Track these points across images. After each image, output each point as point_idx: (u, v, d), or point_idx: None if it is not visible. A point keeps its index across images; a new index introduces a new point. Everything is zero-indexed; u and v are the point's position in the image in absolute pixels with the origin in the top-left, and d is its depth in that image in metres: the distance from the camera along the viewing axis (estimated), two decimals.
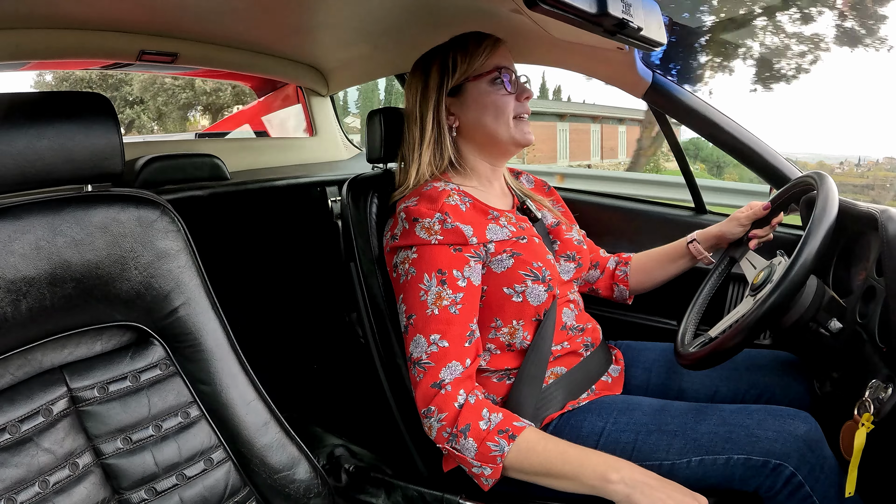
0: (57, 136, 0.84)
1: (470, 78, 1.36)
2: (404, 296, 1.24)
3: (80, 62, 2.01)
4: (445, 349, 1.18)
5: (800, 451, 1.12)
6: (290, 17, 1.74)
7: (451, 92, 1.37)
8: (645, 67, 1.61)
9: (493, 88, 1.36)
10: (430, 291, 1.20)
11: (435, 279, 1.21)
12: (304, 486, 1.05)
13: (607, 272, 1.66)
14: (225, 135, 3.22)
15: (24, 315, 0.82)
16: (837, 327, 1.18)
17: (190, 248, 0.99)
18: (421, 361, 1.18)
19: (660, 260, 1.61)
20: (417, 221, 1.24)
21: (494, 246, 1.28)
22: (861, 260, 1.34)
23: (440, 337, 1.18)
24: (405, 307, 1.23)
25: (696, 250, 1.53)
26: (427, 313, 1.20)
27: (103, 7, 1.54)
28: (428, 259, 1.23)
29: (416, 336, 1.20)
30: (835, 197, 1.14)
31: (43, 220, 0.84)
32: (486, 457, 1.11)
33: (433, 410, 1.15)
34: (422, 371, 1.18)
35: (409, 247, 1.25)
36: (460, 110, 1.38)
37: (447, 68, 1.36)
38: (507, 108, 1.36)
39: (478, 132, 1.38)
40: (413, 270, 1.23)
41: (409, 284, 1.23)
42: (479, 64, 1.36)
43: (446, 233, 1.23)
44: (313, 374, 2.39)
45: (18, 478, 0.80)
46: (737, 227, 1.49)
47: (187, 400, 0.98)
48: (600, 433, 1.25)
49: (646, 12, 1.14)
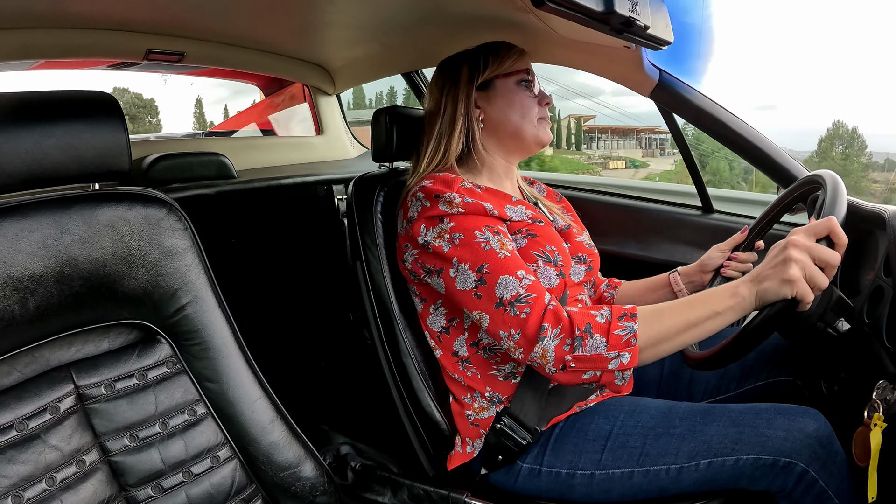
0: (64, 135, 0.84)
1: (500, 75, 1.40)
2: (460, 257, 1.20)
3: (86, 62, 2.02)
4: (535, 282, 1.17)
5: (811, 447, 1.12)
6: (296, 15, 1.74)
7: (481, 86, 1.40)
8: (652, 66, 1.61)
9: (520, 88, 1.41)
10: (492, 241, 1.20)
11: (488, 232, 1.21)
12: (311, 484, 1.05)
13: (598, 293, 1.65)
14: (232, 133, 3.23)
15: (32, 313, 0.83)
16: (845, 327, 1.17)
17: (197, 247, 0.99)
18: (521, 297, 1.15)
19: (642, 291, 1.60)
20: (439, 197, 1.24)
21: (511, 224, 1.29)
22: (869, 260, 1.33)
23: (526, 272, 1.18)
24: (468, 264, 1.20)
25: (674, 282, 1.53)
26: (500, 257, 1.18)
27: (110, 6, 1.55)
28: (468, 221, 1.23)
29: (500, 278, 1.17)
30: (843, 196, 1.14)
31: (50, 218, 0.84)
32: (620, 343, 1.09)
33: (546, 328, 1.11)
34: (526, 304, 1.14)
35: (439, 218, 1.24)
36: (487, 104, 1.40)
37: (478, 66, 1.40)
38: (533, 108, 1.40)
39: (502, 127, 1.40)
40: (459, 234, 1.21)
41: (463, 244, 1.21)
42: (508, 64, 1.41)
43: (468, 205, 1.23)
44: (320, 372, 2.39)
45: (25, 474, 0.81)
46: (716, 253, 1.49)
47: (194, 398, 0.98)
48: (607, 436, 1.24)
49: (653, 10, 1.13)
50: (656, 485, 1.20)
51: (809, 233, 1.01)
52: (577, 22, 1.05)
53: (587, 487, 1.24)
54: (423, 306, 1.38)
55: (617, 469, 1.21)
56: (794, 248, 0.99)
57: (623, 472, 1.21)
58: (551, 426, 1.30)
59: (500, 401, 1.31)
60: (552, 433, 1.29)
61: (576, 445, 1.26)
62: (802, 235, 1.00)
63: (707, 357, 1.17)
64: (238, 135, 3.14)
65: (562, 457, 1.26)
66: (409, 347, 1.40)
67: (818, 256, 0.99)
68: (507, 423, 1.27)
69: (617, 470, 1.21)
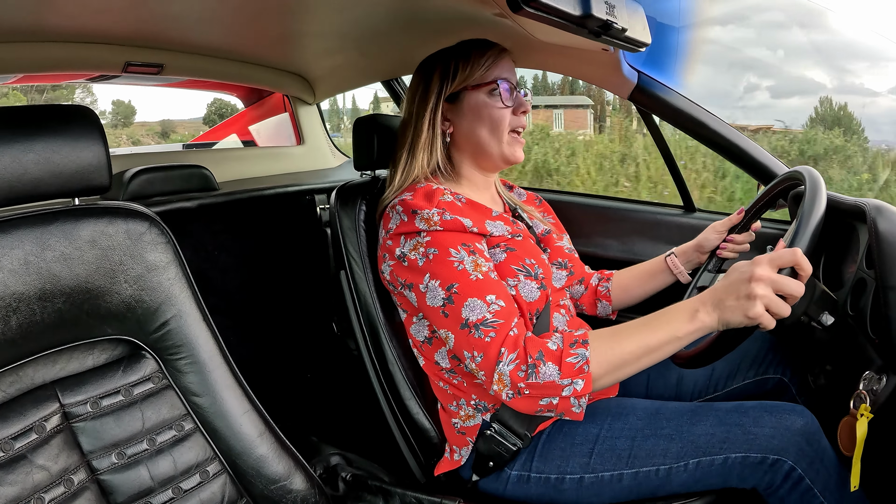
0: (43, 150, 0.84)
1: (469, 87, 1.34)
2: (432, 273, 1.19)
3: (65, 75, 2.00)
4: (504, 308, 1.14)
5: (798, 444, 1.13)
6: (275, 26, 1.73)
7: (450, 98, 1.36)
8: (630, 68, 1.62)
9: (490, 100, 1.34)
10: (465, 261, 1.18)
11: (463, 251, 1.19)
12: (301, 496, 1.04)
13: (590, 288, 1.65)
14: (212, 145, 3.22)
15: (15, 331, 0.82)
16: (829, 320, 1.18)
17: (179, 260, 0.98)
18: (487, 321, 1.12)
19: (640, 277, 1.61)
20: (416, 213, 1.22)
21: (490, 239, 1.27)
22: (851, 253, 1.35)
23: (496, 297, 1.15)
24: (439, 281, 1.18)
25: (673, 264, 1.54)
26: (472, 279, 1.16)
27: (88, 19, 1.54)
28: (445, 238, 1.20)
29: (468, 300, 1.14)
30: (822, 191, 1.15)
31: (31, 234, 0.84)
32: (573, 371, 1.06)
33: (503, 353, 1.10)
34: (492, 329, 1.12)
35: (416, 233, 1.22)
36: (456, 117, 1.37)
37: (448, 74, 1.35)
38: (503, 122, 1.34)
39: (470, 142, 1.37)
40: (434, 250, 1.19)
41: (435, 262, 1.19)
42: (479, 74, 1.34)
43: (446, 223, 1.21)
44: (307, 383, 2.38)
45: (13, 496, 0.80)
46: (713, 234, 1.50)
47: (181, 413, 0.98)
48: (595, 439, 1.24)
49: (630, 13, 1.14)
50: (646, 486, 1.20)
51: (773, 264, 0.99)
52: (555, 26, 1.06)
53: (577, 492, 1.24)
54: (406, 316, 1.37)
55: (606, 472, 1.21)
56: (758, 284, 0.97)
57: (612, 475, 1.21)
58: (539, 432, 1.29)
59: (486, 408, 1.30)
60: (540, 439, 1.29)
61: (563, 450, 1.26)
62: (766, 268, 0.99)
63: (694, 355, 1.17)
64: (219, 146, 3.13)
65: (550, 462, 1.26)
66: (396, 356, 1.39)
67: (781, 288, 0.98)
68: (497, 430, 1.27)
69: (606, 473, 1.21)
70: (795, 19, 6.74)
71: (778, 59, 8.54)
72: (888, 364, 1.10)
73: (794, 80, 8.79)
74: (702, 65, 8.63)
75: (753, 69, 9.61)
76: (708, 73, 10.24)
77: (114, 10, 1.50)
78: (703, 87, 6.96)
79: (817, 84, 8.53)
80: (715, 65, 9.23)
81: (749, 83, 9.70)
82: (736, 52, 8.16)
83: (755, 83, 9.76)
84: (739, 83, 9.22)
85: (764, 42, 8.63)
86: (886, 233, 1.15)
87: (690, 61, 1.89)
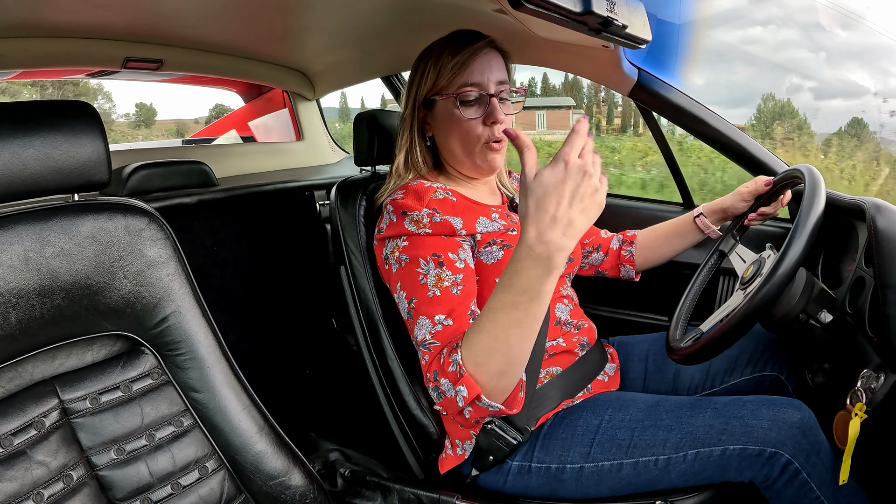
0: (43, 146, 0.83)
1: (440, 94, 1.31)
2: (402, 283, 1.20)
3: (65, 70, 2.00)
4: (450, 327, 1.12)
5: (795, 438, 1.13)
6: (275, 21, 1.73)
7: (427, 104, 1.34)
8: (631, 65, 1.62)
9: (456, 111, 1.29)
10: (430, 274, 1.17)
11: (432, 262, 1.18)
12: (300, 492, 1.04)
13: (612, 253, 1.66)
14: (212, 140, 3.21)
15: (14, 327, 0.82)
16: (828, 318, 1.19)
17: (179, 256, 0.98)
18: (426, 342, 1.12)
19: (667, 236, 1.62)
20: (406, 214, 1.22)
21: (482, 237, 1.27)
22: (849, 251, 1.35)
23: (445, 317, 1.13)
24: (405, 293, 1.19)
25: (704, 224, 1.55)
26: (429, 295, 1.15)
27: (88, 15, 1.53)
28: (420, 245, 1.20)
29: (419, 319, 1.14)
30: (822, 189, 1.15)
31: (30, 230, 0.84)
32: (456, 378, 1.01)
33: (429, 377, 1.09)
34: (427, 352, 1.11)
35: (398, 236, 1.22)
36: (433, 123, 1.36)
37: (421, 77, 1.33)
38: (472, 133, 1.30)
39: (445, 150, 1.36)
40: (406, 258, 1.20)
41: (405, 271, 1.20)
42: (445, 80, 1.29)
43: (435, 226, 1.20)
44: (306, 379, 2.38)
45: (12, 492, 0.80)
46: (740, 201, 1.51)
47: (180, 409, 0.98)
48: (595, 430, 1.25)
49: (630, 10, 1.14)
50: (645, 477, 1.20)
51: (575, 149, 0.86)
52: (555, 22, 1.05)
53: (577, 481, 1.24)
54: None
55: (606, 461, 1.22)
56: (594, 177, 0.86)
57: (612, 464, 1.22)
58: (540, 425, 1.30)
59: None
60: (541, 430, 1.29)
61: (564, 441, 1.27)
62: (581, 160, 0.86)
63: (692, 351, 1.18)
64: (218, 142, 3.12)
65: (551, 452, 1.27)
66: (395, 351, 1.39)
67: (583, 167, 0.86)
68: (498, 424, 1.27)
69: (606, 462, 1.22)
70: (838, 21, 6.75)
71: (821, 60, 8.52)
72: (886, 362, 1.10)
73: (837, 83, 8.75)
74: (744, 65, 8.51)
75: (796, 70, 9.57)
76: (750, 73, 10.17)
77: (113, 6, 1.50)
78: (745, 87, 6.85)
79: (861, 87, 8.48)
80: (757, 65, 9.16)
81: (791, 84, 9.65)
82: (778, 52, 8.14)
83: (798, 84, 9.72)
84: (782, 84, 9.18)
85: (806, 43, 8.60)
86: (885, 231, 1.15)
87: (691, 58, 1.88)
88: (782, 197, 1.45)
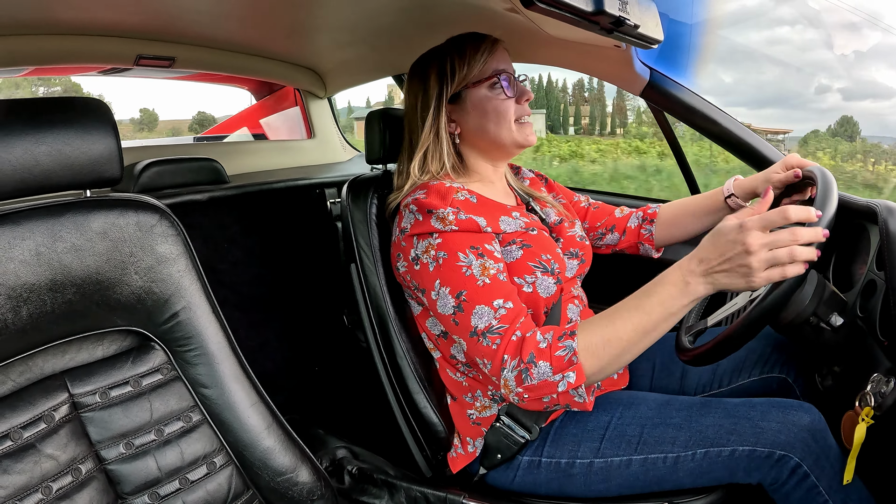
0: (55, 142, 0.84)
1: (469, 85, 1.34)
2: (442, 279, 1.19)
3: (77, 67, 2.01)
4: (512, 310, 1.14)
5: (804, 441, 1.13)
6: (287, 19, 1.73)
7: (451, 99, 1.35)
8: (643, 65, 1.61)
9: (492, 94, 1.33)
10: (473, 265, 1.17)
11: (472, 254, 1.18)
12: (307, 489, 1.04)
13: (629, 232, 1.63)
14: (223, 138, 3.22)
15: (25, 321, 0.82)
16: (838, 322, 1.18)
17: (189, 252, 0.99)
18: (493, 329, 1.12)
19: (695, 214, 1.56)
20: (432, 213, 1.22)
21: (504, 237, 1.27)
22: (861, 254, 1.34)
23: (504, 300, 1.15)
24: (448, 288, 1.18)
25: (735, 204, 1.47)
26: (479, 285, 1.16)
27: (100, 12, 1.54)
28: (456, 241, 1.20)
29: (476, 309, 1.14)
30: (834, 191, 1.14)
31: (42, 226, 0.84)
32: (563, 364, 1.05)
33: (506, 360, 1.10)
34: (496, 337, 1.12)
35: (428, 234, 1.22)
36: (461, 117, 1.36)
37: (445, 75, 1.34)
38: (508, 112, 1.33)
39: (480, 138, 1.37)
40: (443, 254, 1.19)
41: (444, 267, 1.19)
42: (477, 70, 1.33)
43: (461, 223, 1.20)
44: (315, 376, 2.39)
45: (21, 485, 0.80)
46: (771, 189, 1.44)
47: (189, 404, 0.98)
48: (606, 427, 1.25)
49: (642, 10, 1.14)
50: (654, 473, 1.20)
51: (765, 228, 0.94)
52: (567, 22, 1.05)
53: (586, 477, 1.24)
54: (422, 310, 1.37)
55: (615, 457, 1.22)
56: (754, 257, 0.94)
57: (621, 460, 1.22)
58: (550, 421, 1.30)
59: (501, 398, 1.31)
60: (552, 426, 1.30)
61: (575, 436, 1.27)
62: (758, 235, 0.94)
63: (701, 353, 1.17)
64: (230, 139, 3.13)
65: (561, 447, 1.27)
66: (405, 349, 1.39)
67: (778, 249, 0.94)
68: (507, 422, 1.28)
69: (615, 458, 1.22)
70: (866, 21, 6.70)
71: (849, 61, 8.44)
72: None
73: (865, 84, 8.66)
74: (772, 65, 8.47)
75: (825, 71, 9.47)
76: (778, 73, 10.08)
77: (125, 3, 1.50)
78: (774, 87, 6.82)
79: (889, 88, 8.40)
80: (785, 65, 9.07)
81: (820, 85, 9.57)
82: (806, 52, 8.08)
83: (826, 85, 9.64)
84: (810, 85, 9.11)
85: (834, 44, 8.53)
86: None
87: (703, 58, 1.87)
88: (812, 191, 1.38)
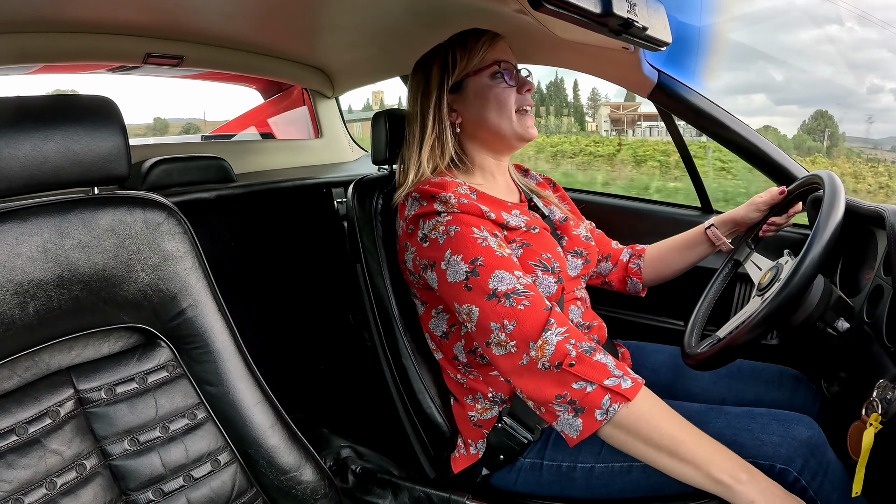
0: (64, 139, 0.84)
1: (470, 73, 1.35)
2: (453, 249, 1.18)
3: (85, 65, 2.02)
4: (531, 285, 1.15)
5: (804, 455, 1.12)
6: (296, 19, 1.74)
7: (453, 88, 1.36)
8: (651, 67, 1.61)
9: (493, 82, 1.34)
10: (489, 239, 1.18)
11: (485, 229, 1.19)
12: (311, 488, 1.05)
13: (620, 265, 1.65)
14: (231, 137, 3.23)
15: (32, 317, 0.83)
16: (845, 327, 1.18)
17: (196, 250, 0.99)
18: (518, 291, 1.12)
19: (677, 248, 1.60)
20: (435, 197, 1.22)
21: (507, 230, 1.28)
22: (868, 259, 1.33)
23: (523, 275, 1.16)
24: (460, 256, 1.17)
25: (715, 236, 1.52)
26: (498, 255, 1.16)
27: (109, 10, 1.55)
28: (465, 218, 1.20)
29: (495, 272, 1.14)
30: (841, 195, 1.14)
31: (50, 222, 0.85)
32: (626, 372, 1.06)
33: (552, 323, 1.09)
34: (525, 298, 1.12)
35: (435, 213, 1.22)
36: (462, 106, 1.37)
37: (447, 65, 1.35)
38: (509, 101, 1.34)
39: (481, 127, 1.37)
40: (455, 227, 1.19)
41: (457, 238, 1.19)
42: (478, 59, 1.35)
43: (463, 206, 1.21)
44: (320, 375, 2.39)
45: (26, 479, 0.81)
46: (754, 211, 1.48)
47: (194, 401, 0.98)
48: None
49: (651, 12, 1.13)
50: (654, 480, 1.20)
51: None
52: (576, 23, 1.05)
53: (587, 481, 1.24)
54: (425, 310, 1.37)
55: (616, 462, 1.22)
56: None
57: (622, 466, 1.21)
58: (551, 424, 1.30)
59: (502, 400, 1.31)
60: (553, 430, 1.29)
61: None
62: None
63: (707, 357, 1.17)
64: (237, 138, 3.14)
65: (563, 450, 1.26)
66: (410, 350, 1.39)
67: None
68: (509, 423, 1.28)
69: (616, 464, 1.22)
70: None
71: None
72: None
73: None
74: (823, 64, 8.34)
75: (877, 70, 9.37)
76: (828, 72, 10.00)
77: (135, 1, 1.51)
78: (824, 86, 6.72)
79: None
80: (835, 64, 8.99)
81: (872, 84, 9.47)
82: (858, 51, 7.97)
83: (879, 85, 9.53)
84: (862, 84, 9.01)
85: (887, 43, 8.43)
86: None
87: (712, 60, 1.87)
88: (793, 209, 1.44)
